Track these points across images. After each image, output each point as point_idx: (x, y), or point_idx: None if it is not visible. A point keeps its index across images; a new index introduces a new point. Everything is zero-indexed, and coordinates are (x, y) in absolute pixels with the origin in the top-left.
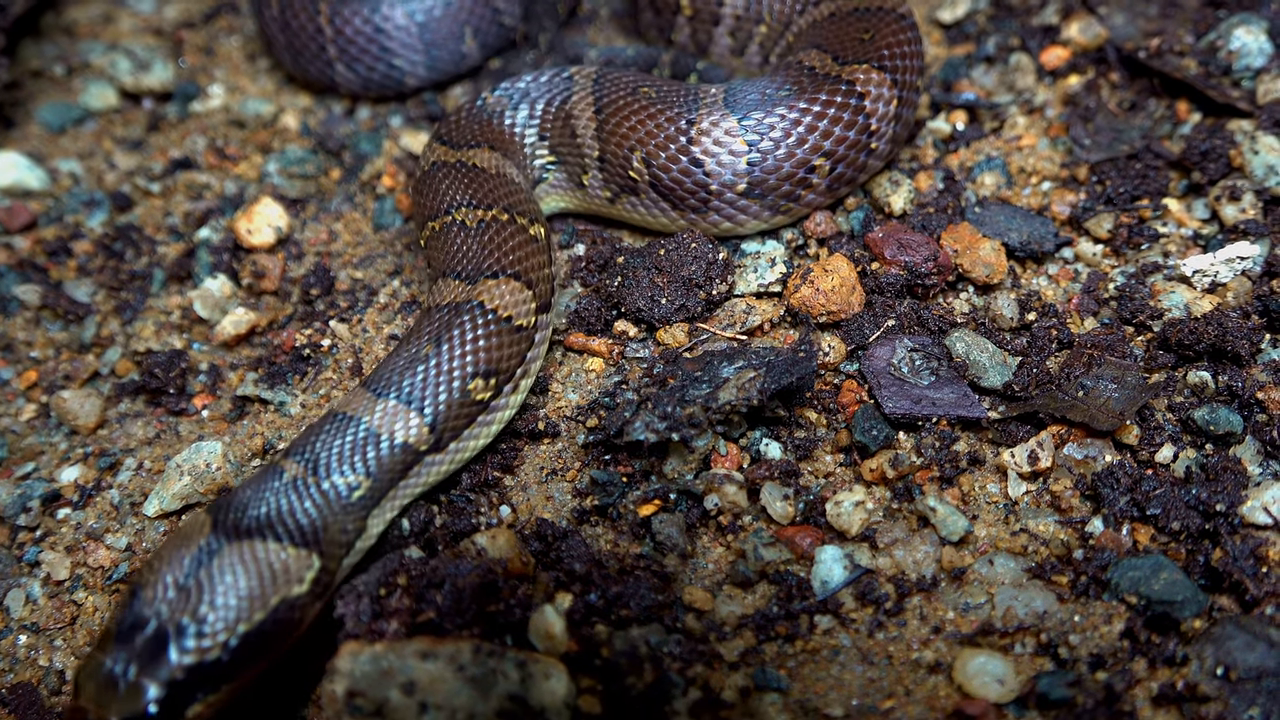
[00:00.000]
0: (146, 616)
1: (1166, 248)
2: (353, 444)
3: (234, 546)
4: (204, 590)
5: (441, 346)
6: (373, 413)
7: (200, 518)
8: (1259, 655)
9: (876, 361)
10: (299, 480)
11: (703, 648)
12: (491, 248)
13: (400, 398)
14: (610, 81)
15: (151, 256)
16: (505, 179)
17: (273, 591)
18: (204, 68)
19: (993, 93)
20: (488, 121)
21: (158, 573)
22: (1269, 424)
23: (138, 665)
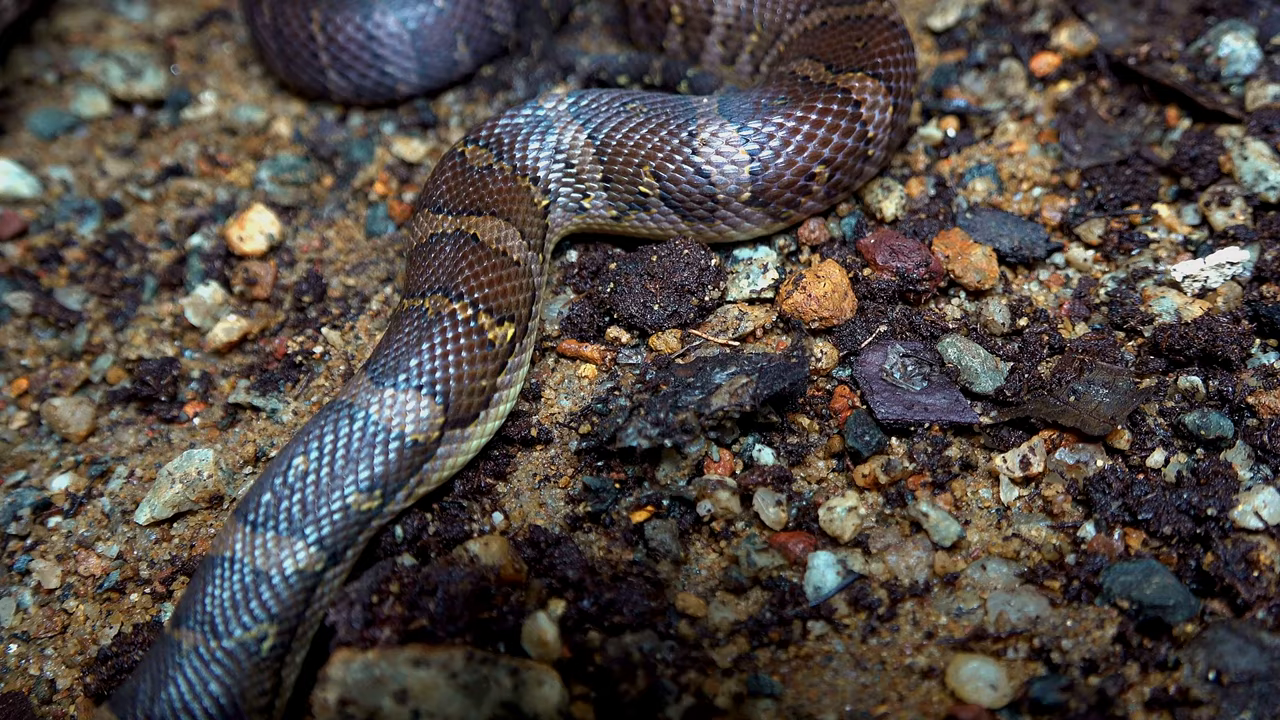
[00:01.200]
0: None
1: (1157, 253)
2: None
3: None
4: None
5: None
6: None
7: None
8: (1250, 659)
9: (869, 367)
10: (199, 649)
11: (696, 654)
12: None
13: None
14: (590, 106)
15: (143, 264)
16: (505, 254)
17: None
18: (196, 75)
19: (983, 99)
20: (479, 179)
21: None
22: (1259, 428)
23: None
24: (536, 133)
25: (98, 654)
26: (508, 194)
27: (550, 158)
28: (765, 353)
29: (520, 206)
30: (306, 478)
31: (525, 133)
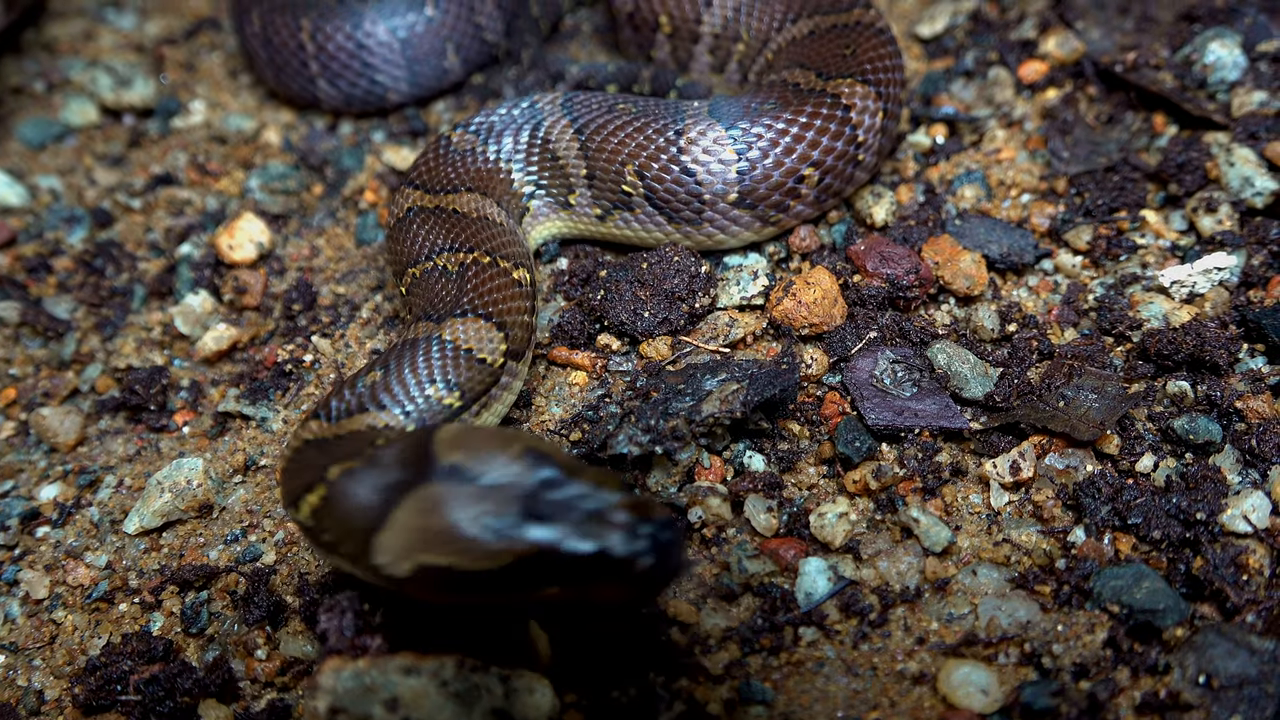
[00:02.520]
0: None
1: (1145, 259)
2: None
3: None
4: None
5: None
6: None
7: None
8: (1240, 663)
9: (859, 373)
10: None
11: (687, 661)
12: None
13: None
14: (581, 103)
15: (132, 273)
16: (488, 221)
17: None
18: (185, 84)
19: (972, 106)
20: (462, 161)
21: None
22: (1248, 433)
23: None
24: (527, 124)
25: (86, 664)
26: (487, 175)
27: (539, 149)
28: (756, 359)
29: (498, 188)
30: (388, 378)
31: (517, 123)
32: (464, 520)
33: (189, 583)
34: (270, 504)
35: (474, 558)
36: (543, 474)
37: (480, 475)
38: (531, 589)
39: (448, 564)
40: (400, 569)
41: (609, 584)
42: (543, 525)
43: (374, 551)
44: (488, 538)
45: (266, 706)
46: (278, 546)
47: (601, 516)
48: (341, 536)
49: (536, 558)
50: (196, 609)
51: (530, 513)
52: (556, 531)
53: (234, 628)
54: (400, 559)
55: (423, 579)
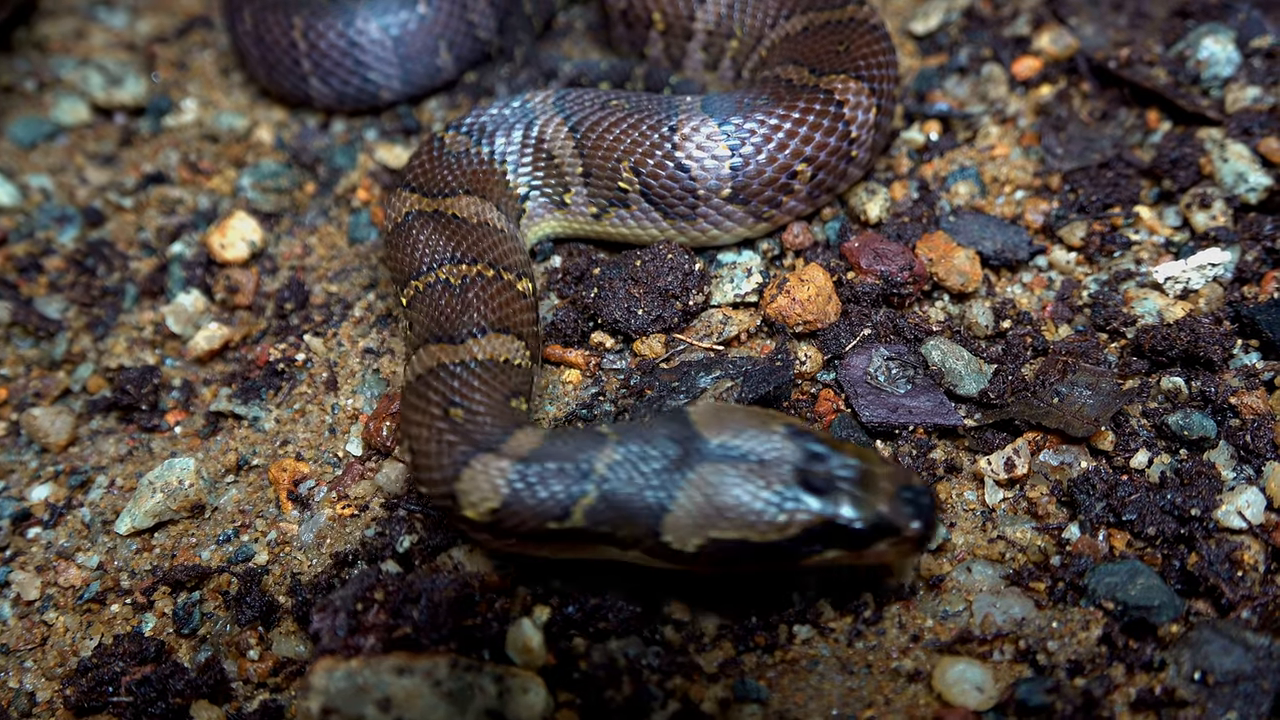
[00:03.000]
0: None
1: (1139, 255)
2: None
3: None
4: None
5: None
6: None
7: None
8: (1235, 659)
9: (853, 370)
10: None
11: (682, 659)
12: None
13: None
14: (574, 101)
15: (123, 272)
16: (489, 228)
17: None
18: (177, 82)
19: (966, 103)
20: (457, 163)
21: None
22: (1242, 428)
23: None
24: (520, 124)
25: (78, 665)
26: (483, 177)
27: (533, 149)
28: (749, 356)
29: (496, 189)
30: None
31: (509, 123)
32: (748, 496)
33: (181, 583)
34: (262, 504)
35: (763, 530)
36: (810, 448)
37: (750, 452)
38: (814, 555)
39: (740, 538)
40: (690, 546)
41: (882, 547)
42: (821, 496)
43: (663, 532)
44: (774, 511)
45: (259, 707)
46: (270, 546)
47: (871, 485)
48: (622, 525)
49: (819, 527)
50: (189, 609)
51: (807, 485)
52: (835, 502)
53: (226, 628)
54: (690, 537)
55: (713, 554)
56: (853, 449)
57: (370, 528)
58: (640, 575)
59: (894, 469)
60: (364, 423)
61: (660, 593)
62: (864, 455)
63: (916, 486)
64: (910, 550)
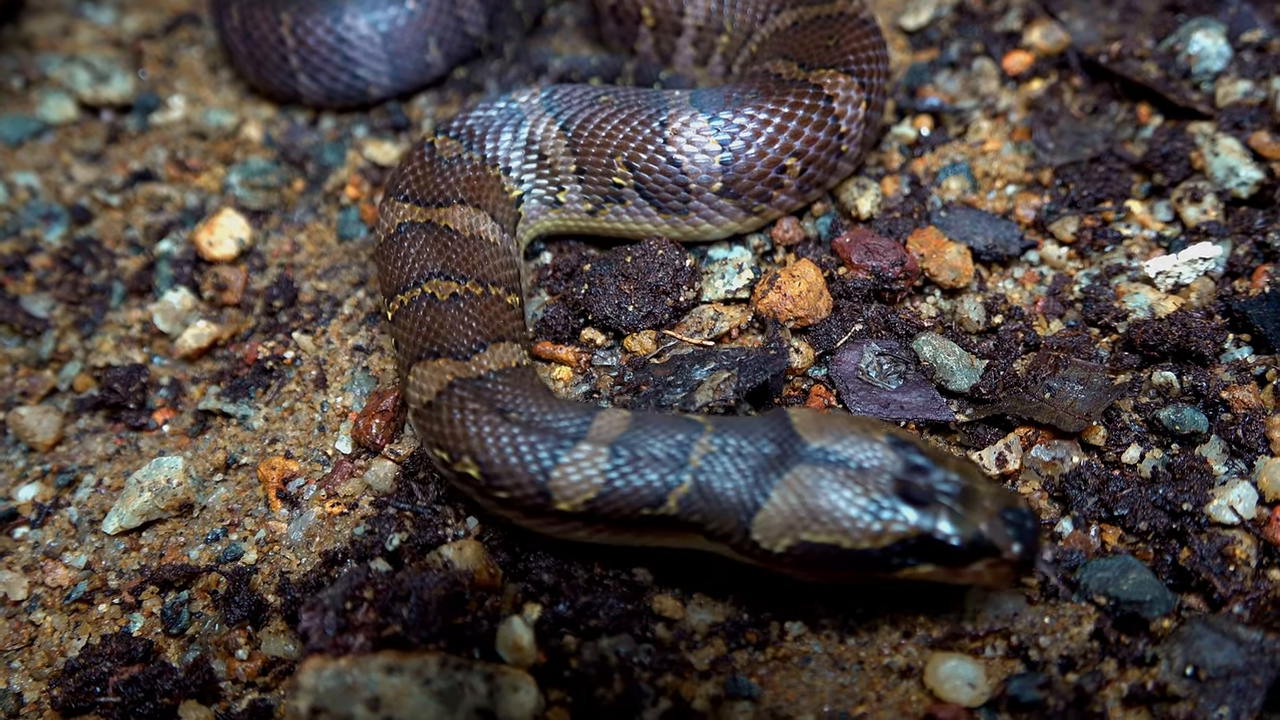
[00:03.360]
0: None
1: (1130, 249)
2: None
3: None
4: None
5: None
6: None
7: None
8: (1227, 654)
9: (844, 366)
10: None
11: (673, 657)
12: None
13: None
14: (563, 98)
15: (111, 270)
16: (481, 241)
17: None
18: (164, 79)
19: (957, 98)
20: (450, 170)
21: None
22: (1233, 423)
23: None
24: (509, 125)
25: (65, 666)
26: (477, 183)
27: (523, 150)
28: (742, 347)
29: (491, 195)
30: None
31: (497, 125)
32: (844, 502)
33: (169, 583)
34: (251, 502)
35: (856, 538)
36: (912, 459)
37: (850, 459)
38: (906, 568)
39: (831, 542)
40: (779, 546)
41: (979, 567)
42: (920, 509)
43: (753, 529)
44: (869, 519)
45: (248, 707)
46: (259, 545)
47: (973, 503)
48: (713, 517)
49: (915, 540)
50: (177, 609)
51: (906, 496)
52: (934, 516)
53: (215, 628)
54: (780, 537)
55: (801, 557)
56: (956, 464)
57: (360, 526)
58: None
59: (998, 489)
60: (353, 420)
61: (651, 590)
62: (967, 471)
63: (1021, 509)
64: (1008, 574)
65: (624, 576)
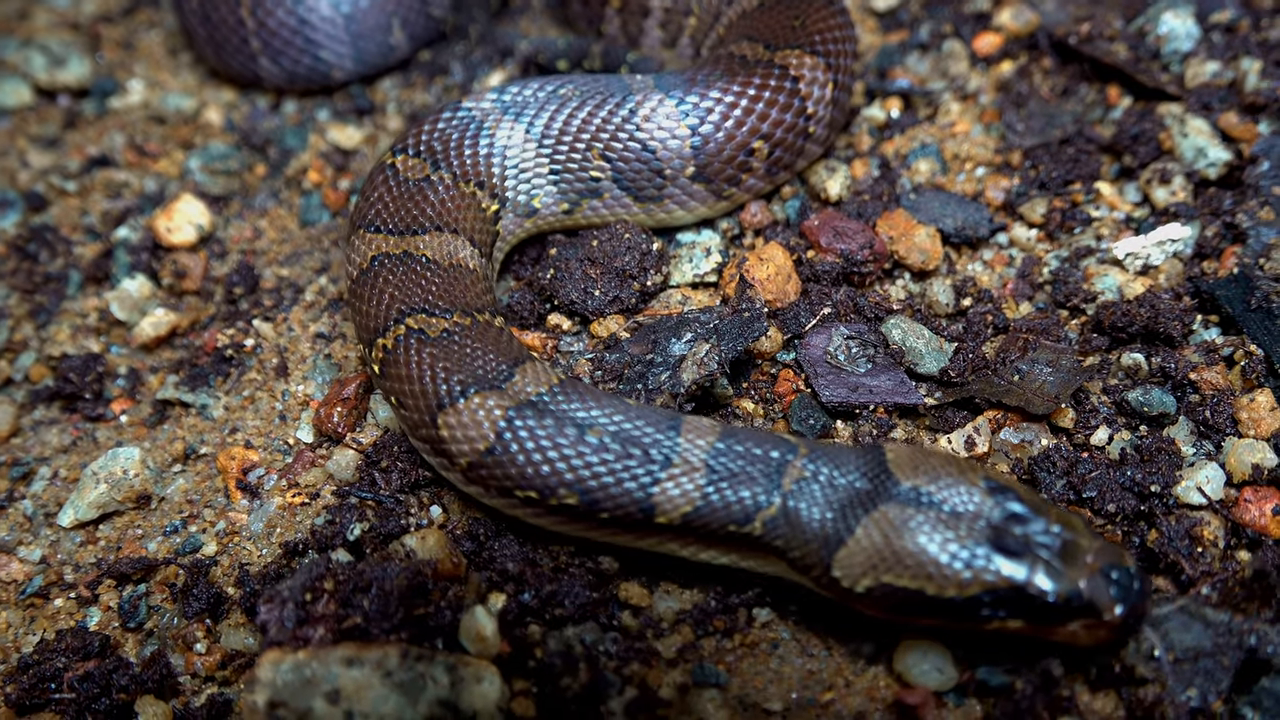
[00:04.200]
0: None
1: (1099, 231)
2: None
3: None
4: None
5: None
6: None
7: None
8: (1195, 636)
9: (813, 350)
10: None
11: (640, 645)
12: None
13: None
14: (519, 99)
15: (67, 257)
16: (461, 270)
17: None
18: (123, 63)
19: (927, 80)
20: (421, 194)
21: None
22: (1201, 404)
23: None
24: (469, 135)
25: (19, 662)
26: (453, 207)
27: (483, 158)
28: (712, 308)
29: (468, 216)
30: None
31: (458, 138)
32: (932, 546)
33: (126, 576)
34: (210, 493)
35: (941, 584)
36: (1010, 507)
37: (944, 501)
38: (993, 621)
39: (914, 588)
40: (859, 585)
41: (1074, 627)
42: (1014, 560)
43: (834, 565)
44: (957, 566)
45: (206, 702)
46: (218, 537)
47: (1073, 558)
48: (795, 545)
49: (1005, 592)
50: (134, 603)
51: (1000, 546)
52: (1028, 568)
53: (173, 621)
54: (861, 576)
55: (881, 598)
56: (1059, 515)
57: (321, 516)
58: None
59: (1103, 545)
60: (315, 409)
61: (618, 578)
62: (1070, 524)
63: (1127, 568)
64: (1106, 637)
65: (590, 564)
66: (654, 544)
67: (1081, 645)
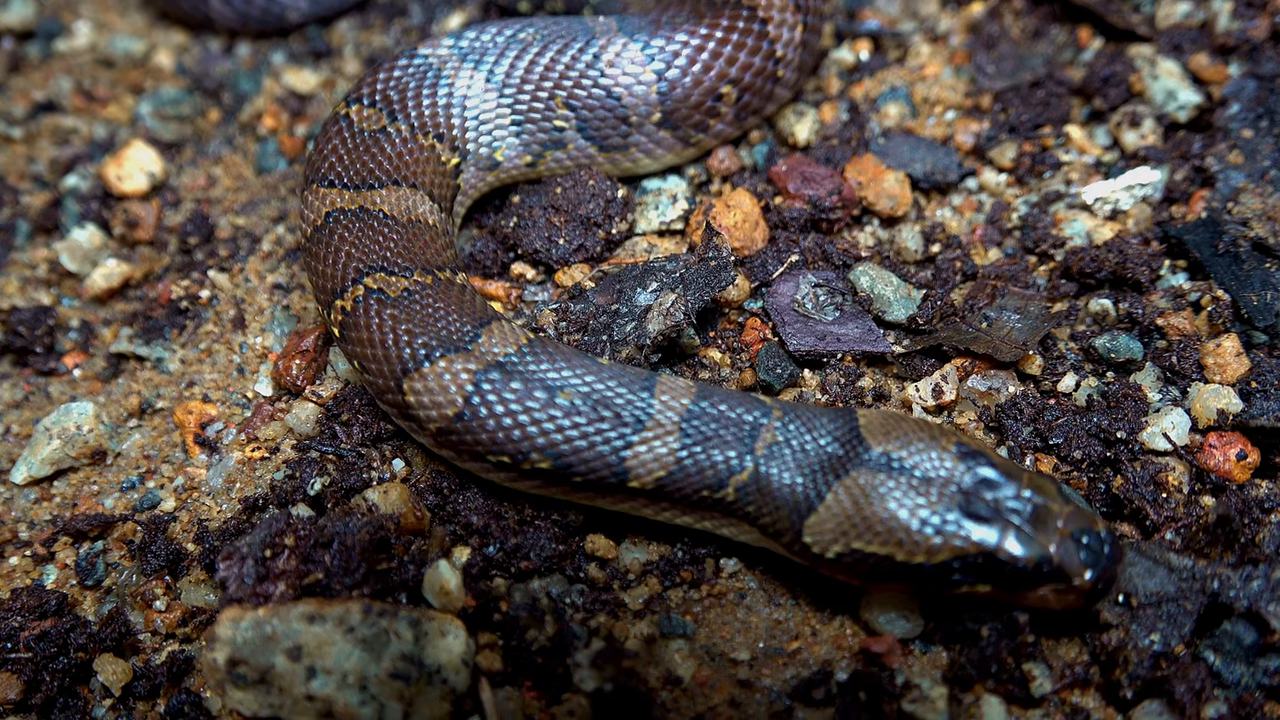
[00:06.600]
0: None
1: (1069, 175)
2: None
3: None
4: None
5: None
6: None
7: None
8: (1159, 581)
9: (780, 298)
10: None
11: (606, 597)
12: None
13: None
14: (477, 45)
15: (14, 207)
16: (420, 225)
17: None
18: (68, 4)
19: (896, 21)
20: (378, 146)
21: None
22: (1168, 350)
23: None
24: (428, 84)
25: None
26: (410, 159)
27: (443, 107)
28: (677, 255)
29: (426, 170)
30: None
31: (414, 86)
32: (903, 512)
33: (83, 533)
34: (168, 448)
35: (910, 550)
36: (981, 473)
37: (915, 467)
38: (962, 585)
39: (884, 554)
40: (829, 551)
41: (1044, 591)
42: (984, 525)
43: (804, 531)
44: (927, 532)
45: (166, 659)
46: (176, 492)
47: (1044, 523)
48: (767, 511)
49: (975, 557)
50: (91, 560)
51: (970, 511)
52: (998, 533)
53: (132, 578)
54: (831, 543)
55: (851, 564)
56: (1031, 479)
57: (281, 470)
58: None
59: (1075, 509)
60: (274, 361)
61: (584, 530)
62: (1042, 488)
63: (1098, 532)
64: (1076, 601)
65: (556, 517)
66: (630, 508)
67: (1051, 609)
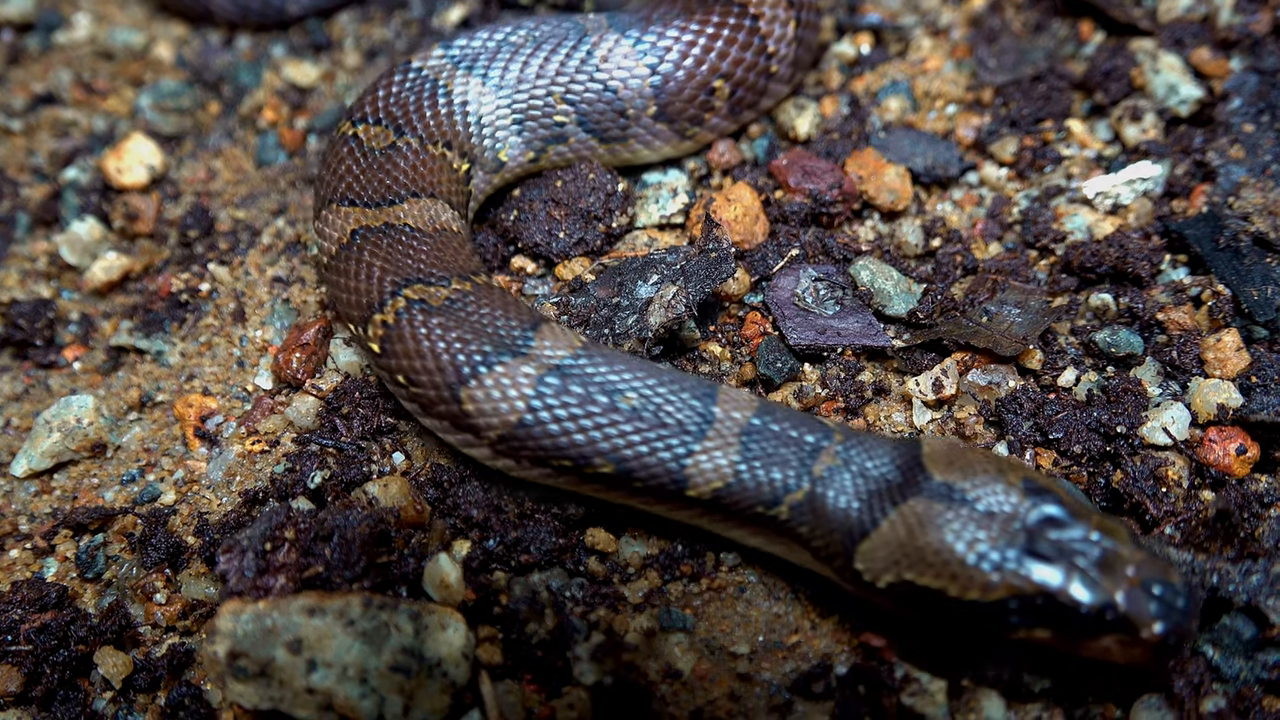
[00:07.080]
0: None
1: (1070, 170)
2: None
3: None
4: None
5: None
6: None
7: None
8: None
9: (780, 292)
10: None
11: (606, 590)
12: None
13: None
14: (469, 51)
15: (14, 200)
16: (448, 234)
17: None
18: None
19: (898, 15)
20: (392, 162)
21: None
22: (1168, 344)
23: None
24: (427, 95)
25: None
26: (426, 171)
27: (446, 115)
28: (678, 247)
29: (444, 179)
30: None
31: (415, 99)
32: (959, 544)
33: (83, 526)
34: (168, 441)
35: (965, 586)
36: (1046, 510)
37: (977, 500)
38: (1019, 628)
39: (936, 587)
40: (881, 581)
41: (1107, 642)
42: (1046, 565)
43: (856, 557)
44: (984, 567)
45: (167, 652)
46: (177, 486)
47: (1112, 569)
48: (819, 534)
49: (1034, 598)
50: (92, 553)
51: (1032, 550)
52: (1062, 575)
53: (132, 571)
54: (883, 571)
55: (902, 596)
56: (1100, 522)
57: (281, 464)
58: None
59: (1146, 556)
60: (274, 355)
61: (584, 524)
62: (1113, 533)
63: (1173, 584)
64: (1143, 656)
65: (555, 511)
66: (686, 517)
67: (1115, 662)
